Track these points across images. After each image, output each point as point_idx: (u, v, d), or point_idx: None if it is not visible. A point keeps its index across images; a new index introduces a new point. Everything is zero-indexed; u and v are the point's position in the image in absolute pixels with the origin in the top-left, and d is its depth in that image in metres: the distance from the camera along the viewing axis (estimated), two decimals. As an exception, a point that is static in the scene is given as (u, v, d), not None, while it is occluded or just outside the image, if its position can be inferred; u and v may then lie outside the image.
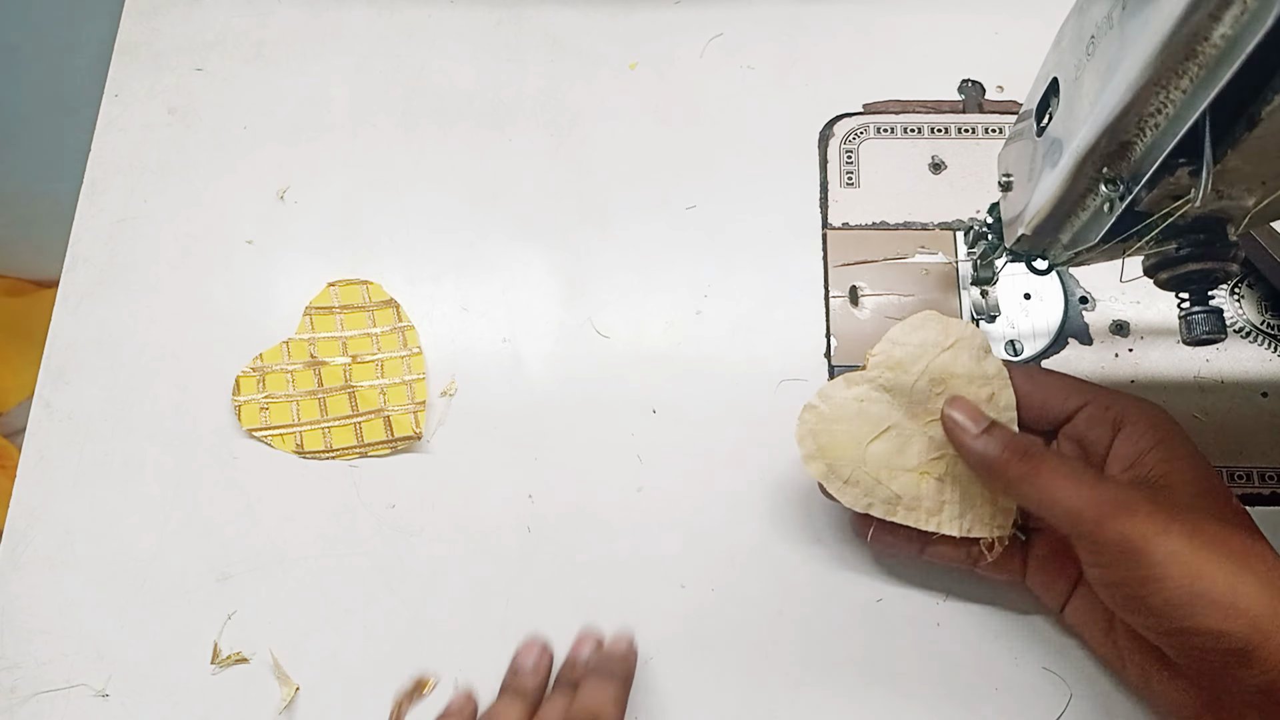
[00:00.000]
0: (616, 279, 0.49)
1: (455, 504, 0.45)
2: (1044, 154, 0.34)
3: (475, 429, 0.46)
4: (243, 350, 0.48)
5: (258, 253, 0.50)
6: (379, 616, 0.43)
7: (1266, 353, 0.46)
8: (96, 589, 0.44)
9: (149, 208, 0.51)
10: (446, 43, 0.54)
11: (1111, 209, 0.31)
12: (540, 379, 0.47)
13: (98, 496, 0.45)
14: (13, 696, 0.42)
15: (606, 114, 0.52)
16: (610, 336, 0.48)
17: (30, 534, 0.45)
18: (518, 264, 0.49)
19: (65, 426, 0.46)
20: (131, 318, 0.49)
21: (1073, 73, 0.32)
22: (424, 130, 0.52)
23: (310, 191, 0.51)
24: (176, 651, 0.43)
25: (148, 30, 0.55)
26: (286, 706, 0.42)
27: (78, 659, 0.43)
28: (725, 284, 0.48)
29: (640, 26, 0.54)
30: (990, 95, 0.52)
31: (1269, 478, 0.44)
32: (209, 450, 0.46)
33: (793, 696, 0.41)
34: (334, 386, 0.46)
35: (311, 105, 0.53)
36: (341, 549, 0.44)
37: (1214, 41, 0.25)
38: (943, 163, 0.50)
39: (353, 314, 0.48)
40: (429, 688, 0.42)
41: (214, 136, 0.52)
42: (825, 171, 0.51)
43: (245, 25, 0.55)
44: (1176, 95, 0.27)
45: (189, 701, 0.42)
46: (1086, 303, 0.47)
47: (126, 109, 0.53)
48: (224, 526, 0.45)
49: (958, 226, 0.49)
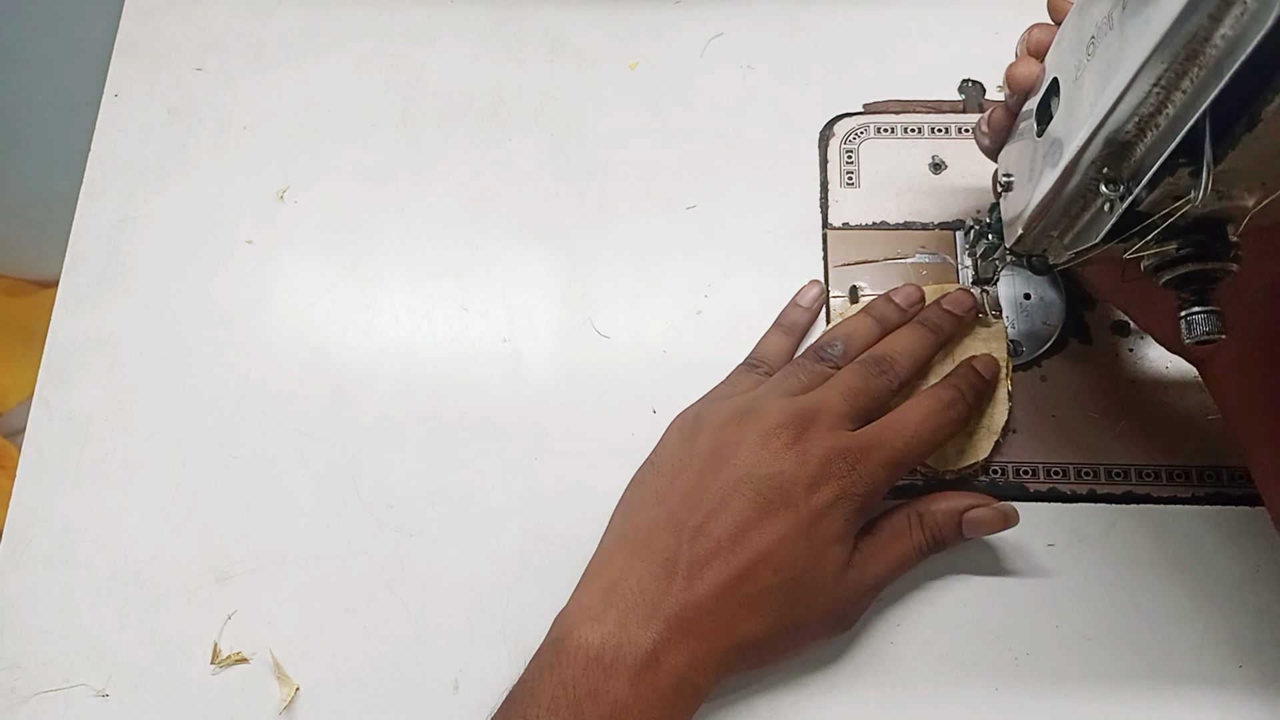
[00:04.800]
0: (616, 279, 0.49)
1: (455, 504, 0.45)
2: (1044, 154, 0.34)
3: (475, 429, 0.46)
4: (243, 350, 0.48)
5: (258, 253, 0.50)
6: (379, 616, 0.43)
7: (1267, 353, 0.46)
8: (96, 589, 0.44)
9: (149, 208, 0.51)
10: (446, 43, 0.54)
11: (1112, 209, 0.31)
12: (540, 379, 0.47)
13: (98, 496, 0.45)
14: (13, 696, 0.42)
15: (606, 114, 0.52)
16: (610, 336, 0.48)
17: (30, 534, 0.45)
18: (518, 264, 0.49)
19: (65, 426, 0.46)
20: (131, 318, 0.49)
21: (1073, 73, 0.32)
22: (424, 130, 0.52)
23: (310, 191, 0.51)
24: (176, 651, 0.43)
25: (148, 30, 0.54)
26: (286, 706, 0.42)
27: (78, 659, 0.43)
28: (725, 284, 0.48)
29: (640, 26, 0.54)
30: (990, 95, 0.51)
31: (1269, 478, 0.44)
32: (209, 450, 0.46)
33: (793, 696, 0.41)
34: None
35: (311, 105, 0.53)
36: (341, 549, 0.44)
37: (1214, 42, 0.25)
38: (943, 163, 0.50)
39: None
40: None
41: (214, 136, 0.52)
42: (825, 171, 0.51)
43: (245, 25, 0.55)
44: (1177, 95, 0.27)
45: (189, 701, 0.42)
46: (1086, 302, 0.47)
47: (126, 109, 0.53)
48: (224, 526, 0.45)
49: (958, 226, 0.49)
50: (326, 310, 0.49)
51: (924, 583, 0.43)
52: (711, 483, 0.38)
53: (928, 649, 0.42)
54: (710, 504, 0.38)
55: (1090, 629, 0.42)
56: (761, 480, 0.38)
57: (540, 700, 0.35)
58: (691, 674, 0.36)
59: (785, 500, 0.37)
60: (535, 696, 0.35)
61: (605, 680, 0.34)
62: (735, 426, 0.40)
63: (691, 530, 0.37)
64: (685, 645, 0.36)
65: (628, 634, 0.35)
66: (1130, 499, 0.44)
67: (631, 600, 0.36)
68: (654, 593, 0.36)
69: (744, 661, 0.38)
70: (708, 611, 0.36)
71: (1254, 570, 0.42)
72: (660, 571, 0.37)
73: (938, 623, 0.42)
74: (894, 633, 0.42)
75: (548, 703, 0.35)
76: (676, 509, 0.38)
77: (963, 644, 0.42)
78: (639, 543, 0.38)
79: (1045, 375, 0.46)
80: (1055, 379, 0.46)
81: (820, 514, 0.38)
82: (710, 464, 0.39)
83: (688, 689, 0.36)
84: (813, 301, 0.47)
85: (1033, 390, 0.46)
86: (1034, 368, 0.46)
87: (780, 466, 0.38)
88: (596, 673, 0.35)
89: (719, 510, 0.37)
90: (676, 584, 0.36)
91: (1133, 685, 0.41)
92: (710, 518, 0.37)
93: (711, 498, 0.38)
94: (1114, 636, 0.42)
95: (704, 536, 0.37)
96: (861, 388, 0.41)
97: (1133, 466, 0.44)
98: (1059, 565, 0.43)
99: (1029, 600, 0.42)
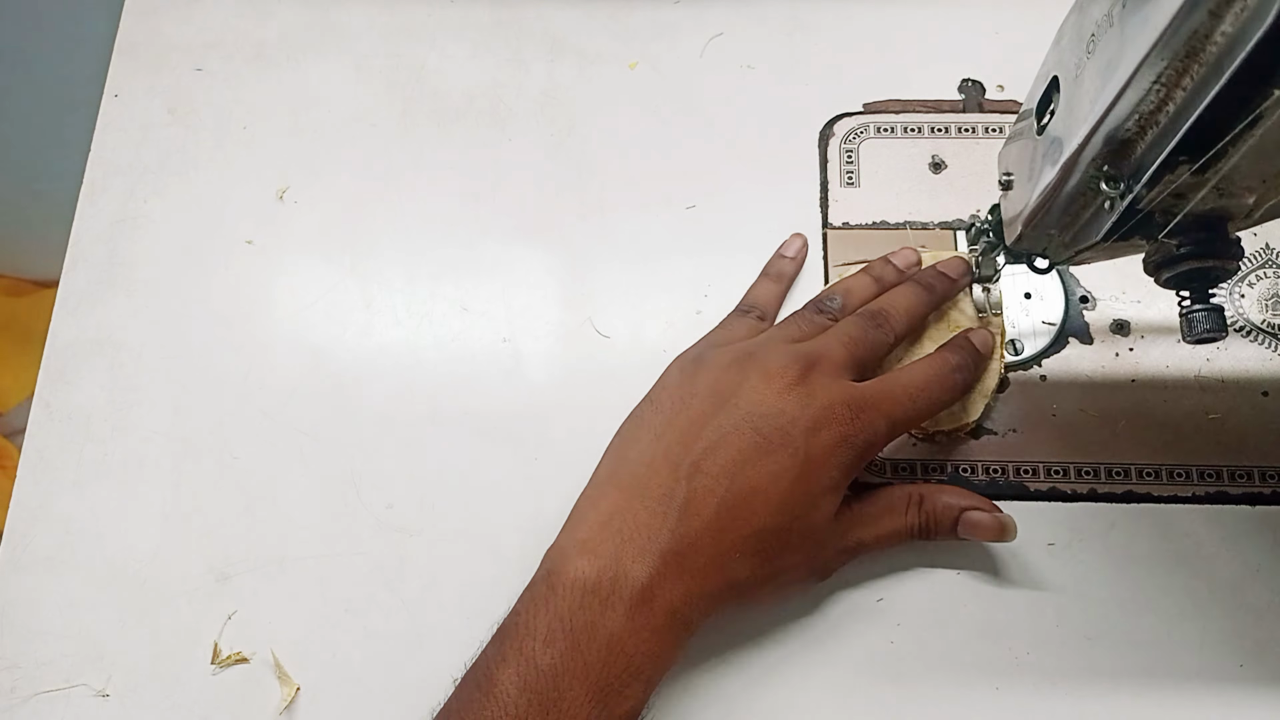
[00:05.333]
0: (616, 279, 0.49)
1: (455, 504, 0.45)
2: (1044, 153, 0.34)
3: (475, 429, 0.46)
4: (243, 350, 0.48)
5: (258, 253, 0.50)
6: (379, 616, 0.43)
7: (1267, 352, 0.46)
8: (96, 589, 0.44)
9: (149, 208, 0.51)
10: (446, 43, 0.54)
11: (1112, 208, 0.31)
12: (540, 379, 0.47)
13: (98, 496, 0.45)
14: (13, 696, 0.42)
15: (606, 114, 0.52)
16: (610, 336, 0.48)
17: (30, 534, 0.45)
18: (518, 264, 0.49)
19: (65, 426, 0.46)
20: (131, 318, 0.49)
21: (1073, 71, 0.32)
22: (424, 130, 0.52)
23: (310, 191, 0.51)
24: (176, 651, 0.43)
25: (148, 30, 0.55)
26: (286, 706, 0.42)
27: (78, 659, 0.43)
28: (725, 284, 0.48)
29: (640, 26, 0.54)
30: (990, 95, 0.52)
31: (1269, 477, 0.44)
32: (209, 450, 0.46)
33: (793, 696, 0.41)
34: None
35: (311, 105, 0.53)
36: (341, 549, 0.44)
37: (1215, 39, 0.25)
38: (943, 162, 0.50)
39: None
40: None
41: (214, 136, 0.52)
42: (825, 171, 0.51)
43: (245, 25, 0.55)
44: (1177, 93, 0.27)
45: (189, 701, 0.42)
46: (1087, 302, 0.47)
47: (126, 109, 0.53)
48: (224, 526, 0.45)
49: (958, 226, 0.49)
50: (326, 310, 0.49)
51: (924, 583, 0.43)
52: (711, 420, 0.38)
53: (928, 649, 0.42)
54: (708, 441, 0.38)
55: (1091, 628, 0.42)
56: (762, 420, 0.38)
57: (536, 632, 0.35)
58: (684, 609, 0.36)
59: (784, 440, 0.37)
60: (531, 629, 0.35)
61: (601, 612, 0.35)
62: (737, 367, 0.40)
63: (689, 467, 0.37)
64: (679, 581, 0.36)
65: (623, 568, 0.35)
66: (1130, 498, 0.44)
67: (627, 535, 0.36)
68: (650, 528, 0.36)
69: (733, 599, 0.38)
70: (702, 549, 0.36)
71: (1254, 570, 0.42)
72: (657, 507, 0.37)
73: (938, 623, 0.42)
74: (894, 633, 0.42)
75: (544, 634, 0.35)
76: (674, 445, 0.38)
77: (963, 644, 0.42)
78: (636, 478, 0.38)
79: (1045, 375, 0.46)
80: (1055, 379, 0.46)
81: (818, 459, 0.38)
82: (711, 403, 0.39)
83: (679, 623, 0.36)
84: (797, 251, 0.48)
85: (1033, 390, 0.46)
86: (1034, 367, 0.46)
87: (782, 406, 0.38)
88: (593, 605, 0.35)
89: (717, 448, 0.37)
90: (671, 520, 0.36)
91: (1133, 685, 0.41)
92: (708, 455, 0.37)
93: (710, 435, 0.38)
94: (1114, 636, 0.42)
95: (701, 474, 0.37)
96: (860, 337, 0.41)
97: (1133, 466, 0.44)
98: (1059, 565, 0.43)
99: (1029, 600, 0.42)
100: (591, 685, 0.34)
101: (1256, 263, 0.47)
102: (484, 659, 0.36)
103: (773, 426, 0.38)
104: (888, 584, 0.43)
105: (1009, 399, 0.45)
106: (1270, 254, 0.48)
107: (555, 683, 0.34)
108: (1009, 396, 0.45)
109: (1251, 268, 0.47)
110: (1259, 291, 0.47)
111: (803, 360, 0.39)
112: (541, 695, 0.34)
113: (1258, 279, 0.47)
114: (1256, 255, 0.48)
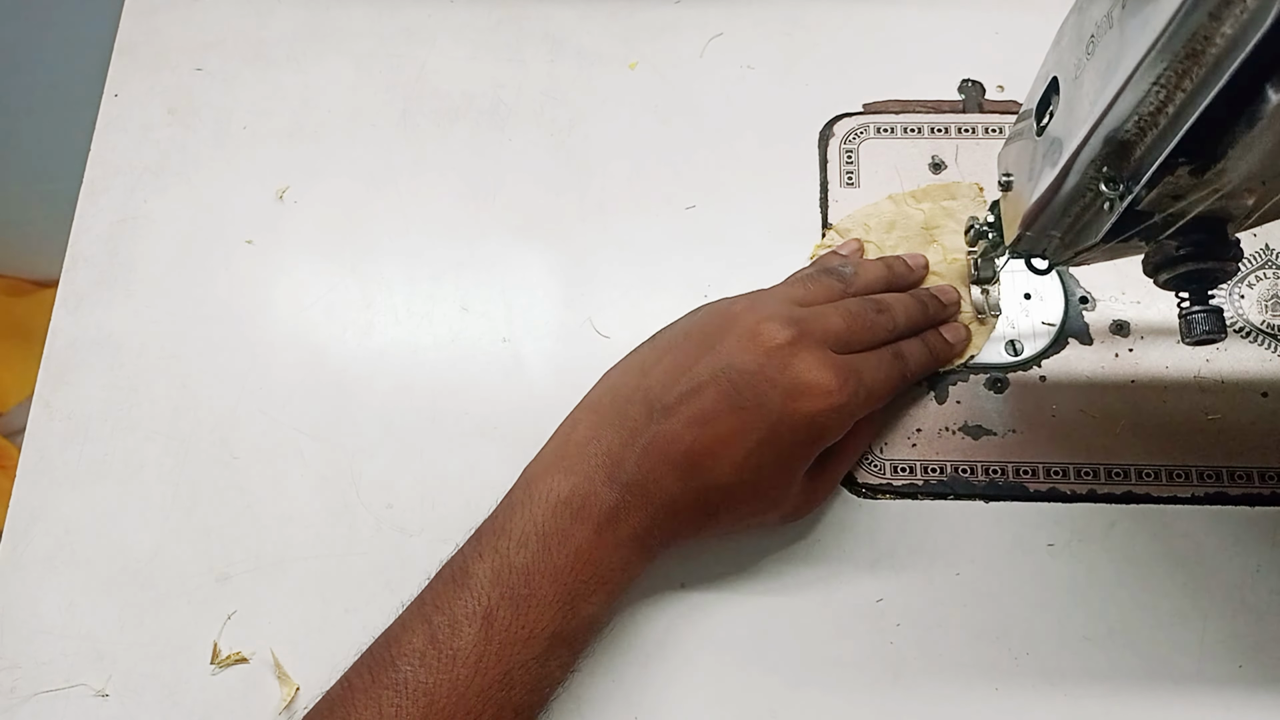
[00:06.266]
0: (616, 279, 0.49)
1: (455, 504, 0.45)
2: (1044, 153, 0.34)
3: (475, 429, 0.46)
4: (243, 350, 0.48)
5: (258, 253, 0.50)
6: (379, 616, 0.43)
7: (1266, 353, 0.46)
8: (96, 589, 0.44)
9: (149, 208, 0.51)
10: (446, 43, 0.54)
11: (1112, 208, 0.31)
12: (540, 379, 0.47)
13: (98, 496, 0.45)
14: (13, 696, 0.42)
15: (606, 114, 0.52)
16: (610, 336, 0.48)
17: (30, 534, 0.45)
18: (518, 264, 0.49)
19: (65, 426, 0.46)
20: (131, 318, 0.49)
21: (1073, 72, 0.32)
22: (424, 130, 0.52)
23: (310, 191, 0.51)
24: (176, 651, 0.43)
25: (148, 30, 0.55)
26: (286, 706, 0.42)
27: (78, 659, 0.43)
28: (725, 284, 0.48)
29: (640, 26, 0.54)
30: (990, 95, 0.52)
31: (1269, 478, 0.44)
32: (209, 450, 0.46)
33: (793, 696, 0.41)
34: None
35: (311, 105, 0.53)
36: (341, 549, 0.44)
37: (1215, 40, 0.25)
38: (943, 163, 0.50)
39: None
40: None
41: (214, 136, 0.52)
42: (825, 171, 0.51)
43: (245, 25, 0.55)
44: (1177, 94, 0.27)
45: (189, 701, 0.42)
46: (1086, 302, 0.47)
47: (126, 109, 0.53)
48: (224, 526, 0.45)
49: (958, 226, 0.49)
50: (326, 310, 0.49)
51: (924, 582, 0.43)
52: (694, 365, 0.39)
53: (928, 649, 0.42)
54: (686, 386, 0.39)
55: (1090, 629, 0.42)
56: (739, 374, 0.38)
57: (511, 534, 0.37)
58: (645, 536, 0.38)
59: (758, 401, 0.38)
60: (506, 530, 0.38)
61: (572, 525, 0.37)
62: (733, 314, 0.41)
63: (662, 409, 0.39)
64: (641, 510, 0.38)
65: (594, 489, 0.38)
66: (1130, 499, 0.44)
67: (598, 461, 0.38)
68: (617, 458, 0.38)
69: (692, 536, 0.40)
70: (664, 488, 0.38)
71: (1254, 570, 0.42)
72: (626, 439, 0.39)
73: (938, 623, 0.42)
74: (894, 633, 0.42)
75: (518, 536, 0.37)
76: (654, 384, 0.39)
77: (963, 644, 0.42)
78: (614, 408, 0.40)
79: (1045, 376, 0.46)
80: (1055, 380, 0.46)
81: (788, 425, 0.38)
82: (698, 346, 0.40)
83: (640, 547, 0.39)
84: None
85: (1032, 391, 0.46)
86: (1033, 368, 0.46)
87: (761, 364, 0.38)
88: (565, 517, 0.37)
89: (692, 395, 0.38)
90: (633, 454, 0.38)
91: (1133, 685, 0.41)
92: (682, 400, 0.38)
93: (689, 380, 0.39)
94: (1114, 636, 0.42)
95: (672, 417, 0.38)
96: (861, 315, 0.42)
97: (1132, 467, 0.44)
98: (1059, 565, 0.43)
99: (1029, 600, 0.42)
100: (560, 586, 0.37)
101: (1256, 264, 0.47)
102: (461, 555, 0.38)
103: (749, 383, 0.38)
104: (888, 584, 0.43)
105: (1009, 399, 0.45)
106: (1270, 255, 0.48)
107: (527, 580, 0.36)
108: (1009, 397, 0.45)
109: (1251, 269, 0.47)
110: (1258, 292, 0.47)
111: (797, 324, 0.40)
112: (513, 590, 0.36)
113: (1257, 280, 0.47)
114: (1256, 256, 0.48)
